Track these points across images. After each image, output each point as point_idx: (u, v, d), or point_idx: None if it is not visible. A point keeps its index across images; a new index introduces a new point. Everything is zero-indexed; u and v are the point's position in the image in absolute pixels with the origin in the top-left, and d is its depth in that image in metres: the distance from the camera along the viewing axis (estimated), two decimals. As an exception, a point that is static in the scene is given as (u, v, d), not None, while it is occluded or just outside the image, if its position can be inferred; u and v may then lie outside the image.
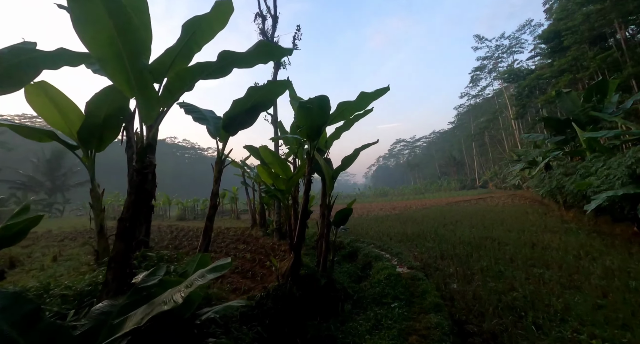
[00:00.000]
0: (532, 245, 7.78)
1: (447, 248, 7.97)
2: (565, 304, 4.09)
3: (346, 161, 4.81)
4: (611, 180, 7.15)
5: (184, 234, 12.01)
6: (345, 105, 3.98)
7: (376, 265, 6.20)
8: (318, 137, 4.22)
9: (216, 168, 3.94)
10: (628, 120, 9.51)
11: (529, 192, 27.28)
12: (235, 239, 9.72)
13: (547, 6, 31.37)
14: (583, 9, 18.73)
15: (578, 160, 11.38)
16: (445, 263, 6.87)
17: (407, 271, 5.51)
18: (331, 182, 4.89)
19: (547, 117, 13.55)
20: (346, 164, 4.83)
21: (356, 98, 3.87)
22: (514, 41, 43.53)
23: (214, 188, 3.87)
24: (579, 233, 8.87)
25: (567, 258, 6.37)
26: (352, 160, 4.82)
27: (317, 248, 5.38)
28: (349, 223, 15.65)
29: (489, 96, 56.74)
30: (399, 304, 3.90)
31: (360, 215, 21.26)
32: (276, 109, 9.49)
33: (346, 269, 6.80)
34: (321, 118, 3.88)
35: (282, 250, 7.88)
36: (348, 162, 4.82)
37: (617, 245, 7.18)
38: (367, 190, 78.92)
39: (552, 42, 22.78)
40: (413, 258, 7.19)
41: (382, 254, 7.07)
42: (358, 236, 11.07)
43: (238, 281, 5.12)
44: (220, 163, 3.93)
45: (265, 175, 5.38)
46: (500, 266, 6.08)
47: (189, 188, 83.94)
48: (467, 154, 68.54)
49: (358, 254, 7.62)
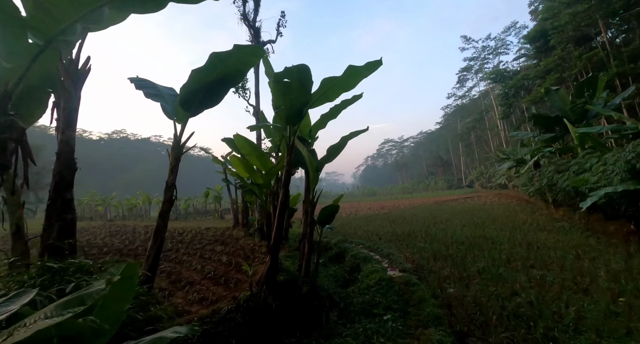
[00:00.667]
0: (527, 245, 7.42)
1: (439, 248, 7.52)
2: (576, 312, 3.64)
3: (332, 151, 4.23)
4: (608, 176, 6.85)
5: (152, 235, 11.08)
6: (330, 82, 3.40)
7: (365, 267, 5.65)
8: (299, 121, 3.62)
9: (172, 155, 3.24)
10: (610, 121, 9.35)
11: (514, 191, 27.51)
12: (214, 240, 9.00)
13: (532, 8, 31.84)
14: (569, 9, 18.85)
15: (570, 157, 11.22)
16: (439, 264, 6.40)
17: (399, 275, 4.98)
18: (315, 175, 4.31)
19: (537, 114, 13.40)
20: (332, 154, 4.25)
21: (343, 73, 3.29)
22: (500, 42, 44.13)
23: (169, 179, 3.20)
24: (572, 231, 8.61)
25: (566, 258, 6.00)
26: (339, 150, 4.24)
27: (299, 250, 4.78)
28: (337, 222, 15.11)
29: (475, 97, 57.51)
30: (393, 317, 3.34)
31: (349, 215, 20.81)
32: (258, 99, 8.77)
33: (332, 272, 6.22)
34: (302, 97, 3.28)
35: (262, 251, 7.22)
36: (334, 152, 4.24)
37: (614, 243, 6.90)
38: (356, 190, 78.91)
39: (538, 41, 22.97)
40: (404, 259, 6.69)
41: (371, 255, 6.53)
42: (346, 236, 10.52)
43: (208, 289, 4.45)
44: (178, 149, 3.24)
45: (241, 168, 4.73)
46: (498, 268, 5.64)
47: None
48: (454, 154, 69.34)
49: (346, 255, 7.06)
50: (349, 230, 11.99)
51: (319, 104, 3.76)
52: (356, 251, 6.85)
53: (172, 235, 10.74)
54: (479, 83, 52.37)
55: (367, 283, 4.56)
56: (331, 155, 4.22)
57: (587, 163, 8.20)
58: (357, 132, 4.22)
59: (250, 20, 8.79)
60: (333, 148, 4.22)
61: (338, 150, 4.23)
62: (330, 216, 4.76)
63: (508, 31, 43.11)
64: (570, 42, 19.24)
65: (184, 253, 7.29)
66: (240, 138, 4.67)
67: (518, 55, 38.21)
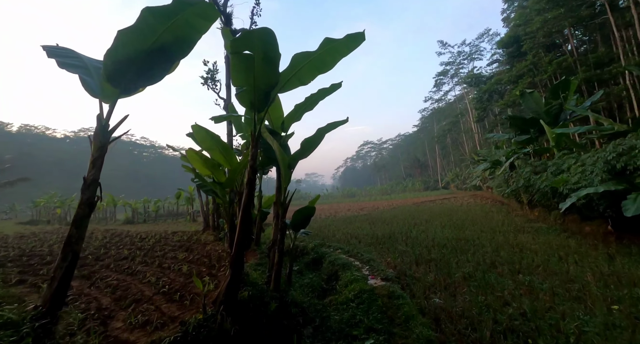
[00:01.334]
0: (509, 247, 7.22)
1: (421, 252, 7.15)
2: (575, 325, 3.29)
3: (307, 145, 3.66)
4: (588, 176, 6.77)
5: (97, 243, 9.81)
6: (303, 60, 2.84)
7: (344, 275, 5.12)
8: (265, 106, 3.02)
9: (95, 145, 2.48)
10: (583, 122, 9.52)
11: (488, 193, 28.30)
12: (179, 246, 8.13)
13: (504, 15, 33.15)
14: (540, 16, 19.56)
15: (546, 158, 11.37)
16: (422, 269, 6.00)
17: (381, 284, 4.48)
18: (287, 173, 3.72)
19: (513, 115, 13.61)
20: (307, 149, 3.69)
21: (318, 48, 2.74)
22: (474, 48, 45.70)
23: (88, 174, 2.43)
24: (549, 232, 8.58)
25: (550, 262, 5.80)
26: (315, 143, 3.69)
27: (269, 258, 4.16)
28: (315, 224, 14.52)
29: (450, 101, 59.22)
30: (376, 341, 2.82)
31: (328, 216, 20.33)
32: (230, 92, 8.01)
33: (308, 280, 5.65)
34: (268, 75, 2.68)
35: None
36: (309, 146, 3.68)
37: (593, 245, 6.84)
38: (335, 191, 78.89)
39: (511, 47, 23.76)
40: (386, 265, 6.24)
41: (350, 261, 6.02)
42: (324, 239, 9.99)
43: (158, 308, 3.72)
44: (103, 136, 2.49)
45: (200, 164, 4.05)
46: (484, 273, 5.32)
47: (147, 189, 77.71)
48: (431, 156, 71.08)
49: (323, 261, 6.50)
50: (327, 232, 11.46)
51: (291, 87, 3.18)
52: (334, 257, 6.31)
53: (132, 240, 9.70)
54: (454, 87, 53.97)
55: (347, 296, 4.03)
56: (306, 150, 3.66)
57: (565, 164, 8.19)
58: (335, 124, 3.69)
59: (220, 4, 8.01)
60: (308, 141, 3.66)
61: (314, 143, 3.67)
62: (305, 219, 4.19)
63: (482, 38, 44.77)
64: (541, 47, 19.97)
65: (140, 262, 6.43)
66: (200, 129, 3.99)
67: (491, 60, 39.65)
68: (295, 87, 3.20)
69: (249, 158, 3.08)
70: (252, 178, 3.04)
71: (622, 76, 14.81)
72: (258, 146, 3.10)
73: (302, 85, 3.16)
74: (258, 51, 2.45)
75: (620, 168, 6.00)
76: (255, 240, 7.08)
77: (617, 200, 6.17)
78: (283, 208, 3.78)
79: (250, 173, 3.04)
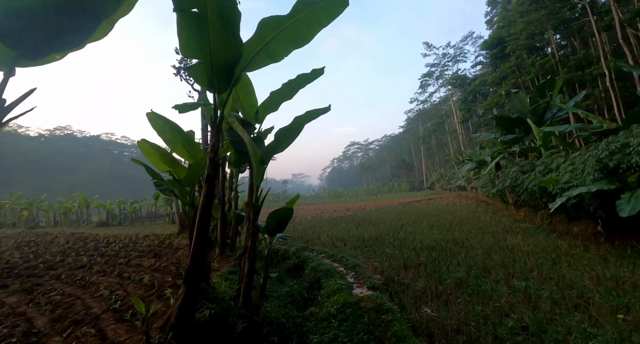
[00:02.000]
0: (499, 249, 6.94)
1: (410, 255, 6.76)
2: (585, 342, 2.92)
3: (282, 136, 3.12)
4: (578, 175, 6.56)
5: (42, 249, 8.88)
6: (273, 28, 2.31)
7: (327, 283, 4.62)
8: (228, 86, 2.48)
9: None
10: (568, 121, 9.46)
11: (473, 193, 28.58)
12: (148, 251, 7.41)
13: (488, 18, 33.75)
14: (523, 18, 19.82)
15: (534, 157, 11.30)
16: (411, 274, 5.60)
17: (367, 294, 4.01)
18: (260, 170, 3.19)
19: (499, 115, 13.55)
20: (283, 141, 3.16)
21: (291, 12, 2.22)
22: (458, 51, 46.42)
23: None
24: (538, 233, 8.39)
25: (543, 265, 5.51)
26: (292, 134, 3.15)
27: (239, 268, 3.60)
28: (300, 226, 13.95)
29: (435, 102, 60.01)
30: (361, 371, 2.33)
31: (314, 217, 19.84)
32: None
33: (288, 289, 5.10)
34: (227, 43, 2.12)
35: (204, 266, 5.91)
36: (285, 138, 3.14)
37: (584, 246, 6.65)
38: (322, 192, 78.52)
39: (494, 48, 24.06)
40: (372, 270, 5.79)
41: (334, 267, 5.53)
42: (308, 241, 9.48)
43: (100, 332, 3.10)
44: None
45: (156, 158, 3.45)
46: (477, 279, 4.95)
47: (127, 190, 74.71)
48: (416, 157, 71.82)
49: (305, 267, 5.98)
50: (311, 234, 10.96)
51: (260, 64, 2.64)
52: (317, 262, 5.81)
53: (97, 245, 8.85)
54: (439, 89, 54.68)
55: (329, 310, 3.53)
56: (281, 142, 3.13)
57: (553, 163, 8.02)
58: (316, 112, 3.18)
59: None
60: (283, 132, 3.12)
61: (290, 135, 3.14)
62: (281, 222, 3.66)
63: (466, 40, 45.52)
64: (524, 49, 20.25)
65: (98, 271, 5.71)
66: (158, 118, 3.39)
67: (475, 62, 40.33)
68: (265, 64, 2.65)
69: (209, 150, 2.53)
70: (212, 174, 2.49)
71: (602, 78, 15.11)
72: (220, 135, 2.55)
73: (273, 61, 2.62)
74: (211, 8, 1.91)
75: (612, 167, 5.79)
76: (230, 244, 6.47)
77: (609, 199, 5.96)
78: (255, 209, 3.24)
79: (210, 169, 2.49)
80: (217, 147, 2.53)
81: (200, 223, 2.45)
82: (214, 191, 2.53)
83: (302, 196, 70.84)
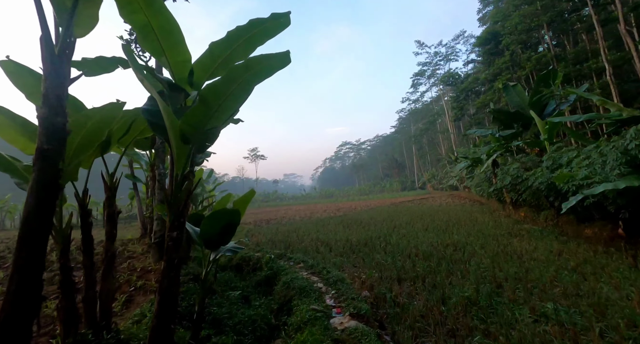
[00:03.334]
0: (505, 256, 6.00)
1: (404, 264, 5.74)
2: None
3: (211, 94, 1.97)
4: (599, 170, 5.64)
5: None
6: None
7: (300, 308, 3.54)
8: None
9: None
10: (572, 113, 8.64)
11: (466, 192, 27.99)
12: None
13: (480, 15, 33.27)
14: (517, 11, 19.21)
15: (537, 152, 10.46)
16: (407, 289, 4.57)
17: (349, 326, 2.95)
18: (181, 149, 2.07)
19: (497, 109, 12.75)
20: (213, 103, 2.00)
21: None
22: (450, 50, 45.99)
23: None
24: (546, 236, 7.49)
25: (563, 277, 4.56)
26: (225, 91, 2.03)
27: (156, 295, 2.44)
28: (283, 228, 12.62)
29: (427, 102, 59.61)
30: None
31: (302, 218, 18.79)
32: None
33: (253, 312, 3.99)
34: None
35: (149, 278, 4.75)
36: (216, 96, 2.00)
37: (604, 252, 5.76)
38: (313, 191, 77.51)
39: (488, 44, 23.43)
40: (360, 284, 4.75)
41: (312, 282, 4.46)
42: (289, 246, 8.39)
43: None
44: None
45: (12, 131, 2.27)
46: (490, 297, 3.94)
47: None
48: (408, 157, 71.38)
49: (277, 282, 4.88)
50: (295, 237, 9.87)
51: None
52: (292, 276, 4.71)
53: (39, 253, 7.55)
54: (431, 88, 54.24)
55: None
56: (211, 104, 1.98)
57: (564, 158, 7.12)
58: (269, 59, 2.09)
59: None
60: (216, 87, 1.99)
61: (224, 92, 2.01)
62: (226, 230, 2.55)
63: (457, 39, 45.13)
64: (519, 43, 19.61)
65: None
66: (17, 68, 2.23)
67: (467, 61, 39.92)
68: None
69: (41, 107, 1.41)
70: (46, 147, 1.38)
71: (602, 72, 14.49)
72: (52, 76, 1.45)
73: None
74: None
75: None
76: (186, 254, 5.31)
77: (637, 198, 5.06)
78: (177, 208, 2.13)
79: (44, 136, 1.38)
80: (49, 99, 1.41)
81: (22, 234, 1.34)
82: (54, 181, 1.42)
83: (293, 197, 69.73)
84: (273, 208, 39.43)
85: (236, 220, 2.50)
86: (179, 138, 2.05)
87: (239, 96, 2.12)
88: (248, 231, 12.58)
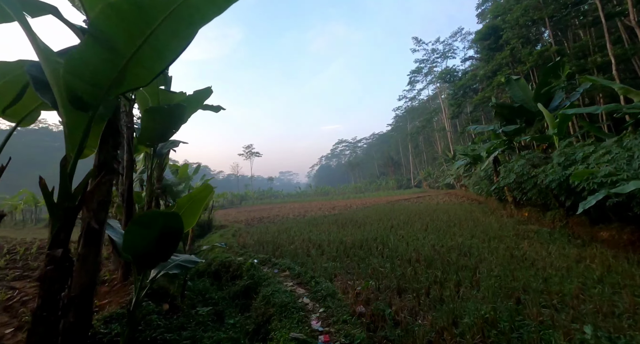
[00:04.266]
0: (518, 262, 5.34)
1: (405, 272, 5.05)
2: None
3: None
4: (624, 167, 4.99)
5: None
6: None
7: (278, 333, 2.81)
8: None
9: None
10: (573, 107, 7.99)
11: (462, 191, 27.50)
12: (33, 268, 5.37)
13: (479, 10, 32.62)
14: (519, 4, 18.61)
15: (543, 148, 9.84)
16: (409, 303, 3.87)
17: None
18: (74, 121, 1.35)
19: (500, 103, 12.08)
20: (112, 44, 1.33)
21: None
22: (447, 47, 45.33)
23: None
24: (558, 239, 6.86)
25: (591, 289, 3.90)
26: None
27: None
28: (273, 227, 11.83)
29: (424, 100, 59.03)
30: None
31: (296, 216, 18.06)
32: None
33: (224, 335, 3.24)
34: None
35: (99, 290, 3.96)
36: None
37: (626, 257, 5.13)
38: (309, 189, 76.78)
39: (488, 39, 22.82)
40: (353, 297, 4.03)
41: (297, 297, 3.73)
42: (277, 248, 7.64)
43: None
44: None
45: None
46: (511, 316, 3.25)
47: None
48: (404, 155, 70.83)
49: (257, 295, 4.14)
50: (286, 238, 9.12)
51: None
52: (273, 288, 3.98)
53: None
54: (428, 86, 53.61)
55: None
56: (109, 31, 1.29)
57: (579, 153, 6.47)
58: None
59: None
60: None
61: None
62: (164, 240, 1.80)
63: (455, 37, 44.49)
64: (520, 38, 19.01)
65: None
66: None
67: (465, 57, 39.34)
68: None
69: None
70: None
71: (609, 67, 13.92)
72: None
73: None
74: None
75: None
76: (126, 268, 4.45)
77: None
78: (64, 211, 1.39)
79: None
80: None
81: None
82: None
83: (288, 194, 68.75)
84: (267, 205, 38.53)
85: (175, 226, 1.74)
86: (65, 98, 1.28)
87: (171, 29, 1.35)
88: (236, 231, 11.80)
